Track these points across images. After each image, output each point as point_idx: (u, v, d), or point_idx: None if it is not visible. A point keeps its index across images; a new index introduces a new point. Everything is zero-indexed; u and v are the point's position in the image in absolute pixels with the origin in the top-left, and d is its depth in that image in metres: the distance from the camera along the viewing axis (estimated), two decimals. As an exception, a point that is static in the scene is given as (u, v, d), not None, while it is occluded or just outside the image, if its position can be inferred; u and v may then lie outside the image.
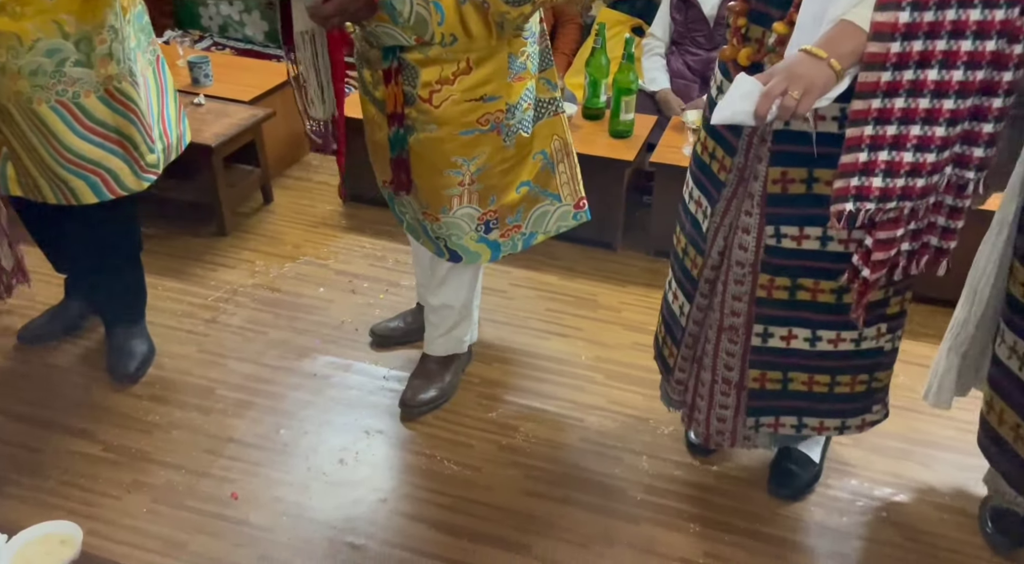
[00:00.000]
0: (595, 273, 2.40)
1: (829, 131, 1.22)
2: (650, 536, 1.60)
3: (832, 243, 1.30)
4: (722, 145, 1.35)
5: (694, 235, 1.45)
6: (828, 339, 1.40)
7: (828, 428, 1.53)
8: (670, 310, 1.58)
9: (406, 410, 1.86)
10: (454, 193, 1.62)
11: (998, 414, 1.42)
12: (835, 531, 1.61)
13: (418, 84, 1.49)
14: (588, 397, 1.96)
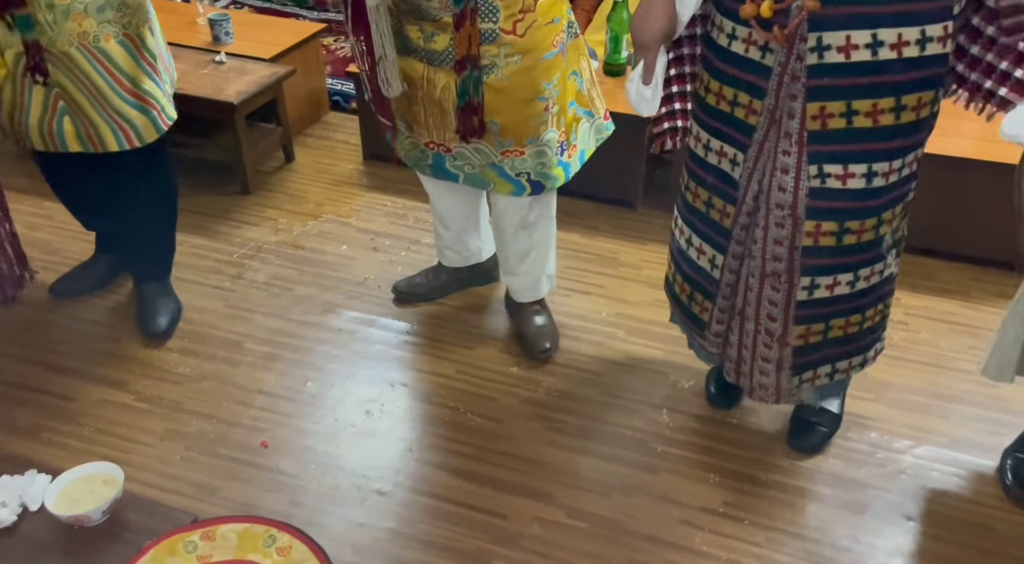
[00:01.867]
0: (616, 231, 2.40)
1: (862, 59, 1.20)
2: (670, 486, 1.63)
3: (877, 179, 1.30)
4: (746, 90, 1.32)
5: (720, 186, 1.44)
6: (865, 277, 1.42)
7: (854, 367, 1.56)
8: (695, 267, 1.56)
9: (544, 356, 1.93)
10: (542, 120, 1.65)
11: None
12: (853, 482, 1.63)
13: (499, 18, 1.52)
14: (609, 352, 1.98)
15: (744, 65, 1.31)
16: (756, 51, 1.29)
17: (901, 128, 1.26)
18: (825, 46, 1.22)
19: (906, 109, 1.25)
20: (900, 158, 1.30)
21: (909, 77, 1.22)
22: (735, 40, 1.30)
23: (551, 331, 1.98)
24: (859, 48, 1.20)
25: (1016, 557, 1.47)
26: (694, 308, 1.61)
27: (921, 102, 1.25)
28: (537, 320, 1.98)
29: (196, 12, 2.82)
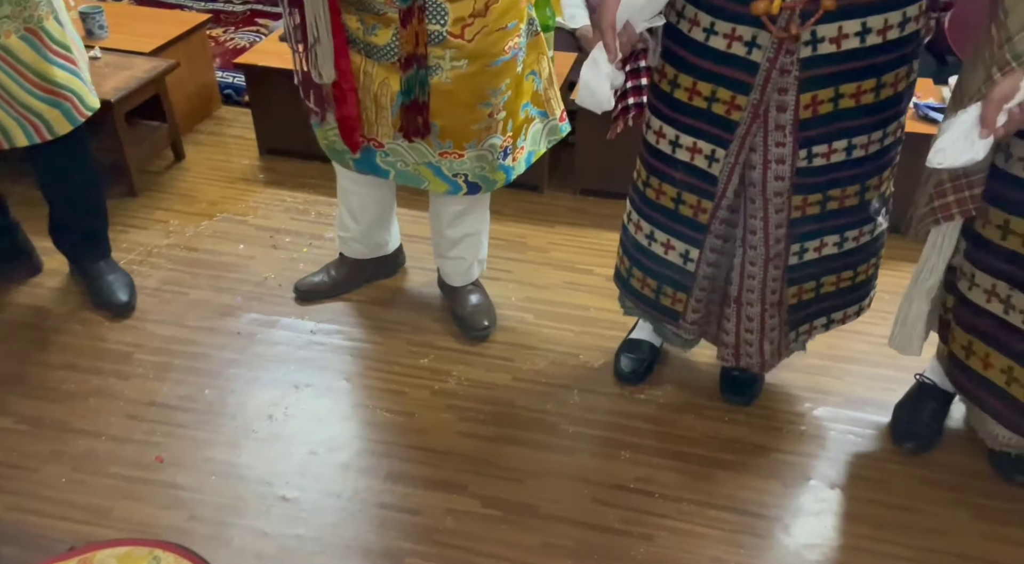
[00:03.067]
0: (523, 215, 2.39)
1: (852, 47, 1.23)
2: (583, 466, 1.64)
3: (856, 150, 1.34)
4: (729, 86, 1.30)
5: (694, 182, 1.43)
6: (853, 237, 1.47)
7: (850, 316, 1.61)
8: (662, 262, 1.55)
9: (483, 334, 1.93)
10: (485, 126, 1.62)
11: (982, 358, 1.42)
12: (758, 447, 1.67)
13: (448, 21, 1.47)
14: (519, 337, 1.96)
15: (726, 61, 1.29)
16: (741, 47, 1.27)
17: (881, 104, 1.30)
18: (819, 39, 1.23)
19: (885, 86, 1.29)
20: (880, 129, 1.34)
21: (891, 57, 1.26)
22: (714, 35, 1.28)
23: (488, 309, 1.97)
24: (849, 37, 1.22)
25: (909, 507, 1.53)
26: (664, 301, 1.61)
27: (898, 78, 1.30)
28: (473, 299, 1.97)
29: (68, 5, 2.64)
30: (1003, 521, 1.49)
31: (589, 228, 2.34)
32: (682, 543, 1.48)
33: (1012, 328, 1.35)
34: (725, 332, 1.60)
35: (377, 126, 1.64)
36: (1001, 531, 1.47)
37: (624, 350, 1.85)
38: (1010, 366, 1.37)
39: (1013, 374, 1.37)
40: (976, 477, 1.58)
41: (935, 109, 2.14)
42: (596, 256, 2.22)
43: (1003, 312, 1.35)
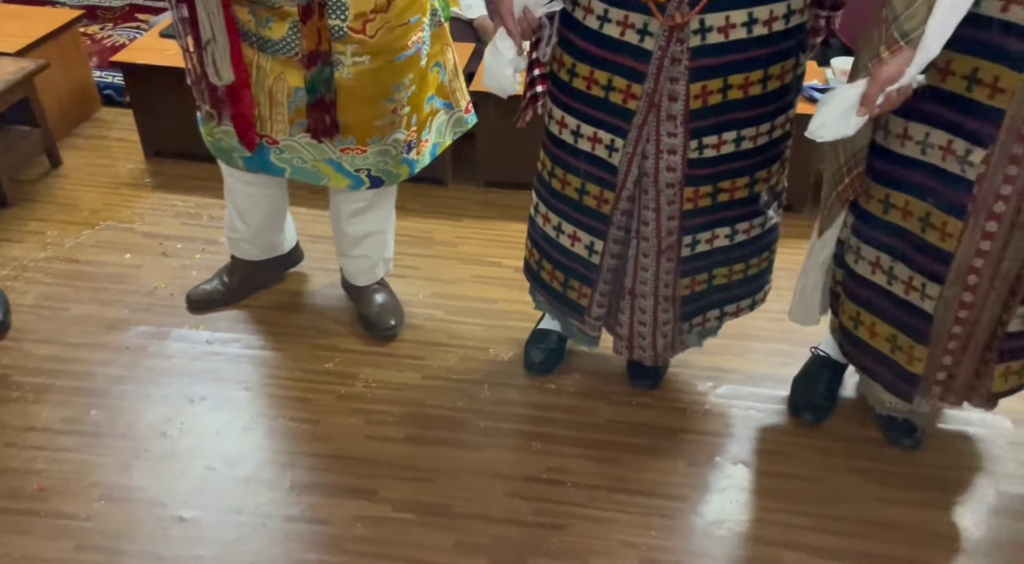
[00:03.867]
0: (428, 210, 2.35)
1: (739, 38, 1.24)
2: (495, 460, 1.62)
3: (745, 142, 1.36)
4: (624, 74, 1.30)
5: (596, 173, 1.42)
6: (744, 230, 1.48)
7: (743, 309, 1.63)
8: (569, 254, 1.54)
9: (390, 333, 1.88)
10: (388, 121, 1.58)
11: (869, 328, 1.48)
12: (665, 428, 1.70)
13: (348, 16, 1.42)
14: (428, 334, 1.93)
15: (620, 49, 1.28)
16: (633, 34, 1.26)
17: (767, 96, 1.32)
18: (707, 28, 1.24)
19: (772, 78, 1.31)
20: (768, 122, 1.36)
21: (776, 49, 1.28)
22: (608, 23, 1.27)
23: (395, 308, 1.92)
24: (736, 27, 1.24)
25: (809, 477, 1.59)
26: (570, 294, 1.59)
27: (784, 70, 1.32)
28: (378, 298, 1.92)
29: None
30: (894, 484, 1.56)
31: (496, 220, 2.32)
32: (593, 530, 1.48)
33: (895, 298, 1.41)
34: (619, 324, 1.60)
35: (271, 123, 1.57)
36: (892, 493, 1.54)
37: (533, 341, 1.84)
38: (894, 334, 1.44)
39: (897, 342, 1.44)
40: (868, 443, 1.65)
41: (819, 90, 2.22)
42: (504, 248, 2.20)
43: (886, 283, 1.41)
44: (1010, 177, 1.22)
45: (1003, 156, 1.21)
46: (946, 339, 1.40)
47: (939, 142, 1.25)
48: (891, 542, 1.45)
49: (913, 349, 1.41)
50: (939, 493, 1.55)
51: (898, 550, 1.43)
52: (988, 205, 1.25)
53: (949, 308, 1.36)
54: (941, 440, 1.66)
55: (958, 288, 1.34)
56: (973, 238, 1.29)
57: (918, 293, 1.37)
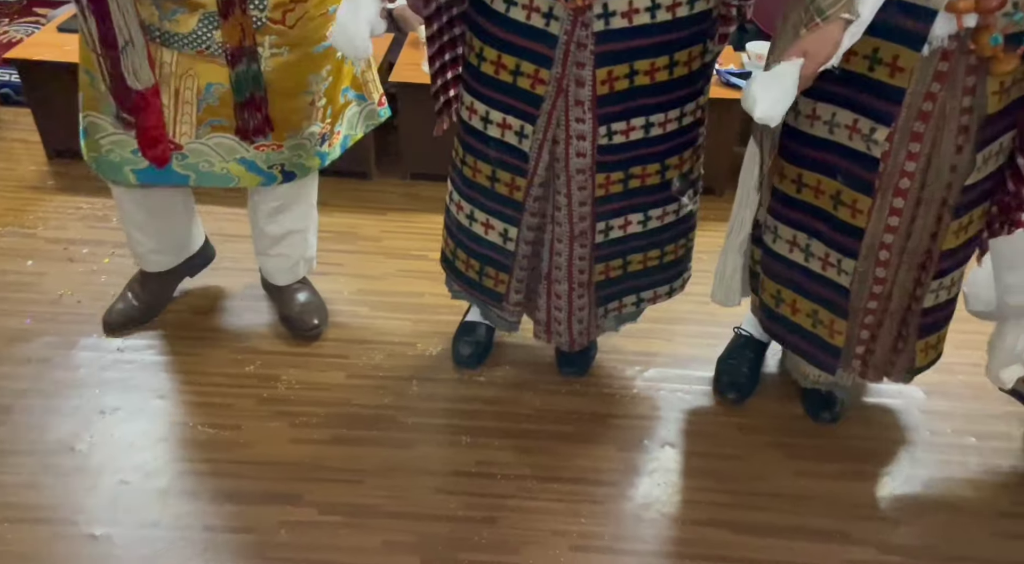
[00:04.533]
0: (352, 204, 2.30)
1: (643, 23, 1.24)
2: (424, 457, 1.60)
3: (654, 128, 1.35)
4: (531, 59, 1.29)
5: (507, 159, 1.41)
6: (657, 216, 1.49)
7: (660, 296, 1.64)
8: (483, 242, 1.53)
9: (313, 333, 1.83)
10: (305, 115, 1.55)
11: (790, 304, 1.51)
12: (594, 415, 1.70)
13: (267, 6, 1.37)
14: (353, 332, 1.89)
15: (527, 33, 1.27)
16: (539, 18, 1.25)
17: (675, 82, 1.32)
18: (611, 12, 1.23)
19: (678, 64, 1.31)
20: (677, 108, 1.36)
21: (681, 35, 1.28)
22: (514, 6, 1.25)
23: (318, 306, 1.87)
24: (640, 12, 1.23)
25: (733, 455, 1.62)
26: (487, 282, 1.58)
27: (691, 56, 1.31)
28: (300, 298, 1.86)
29: None
30: (810, 457, 1.61)
31: (421, 213, 2.29)
32: (524, 521, 1.48)
33: (813, 274, 1.44)
34: (537, 308, 1.60)
35: (176, 125, 1.49)
36: (812, 466, 1.59)
37: (460, 335, 1.82)
38: (815, 309, 1.48)
39: (818, 316, 1.48)
40: (790, 419, 1.70)
41: (736, 74, 2.26)
42: (430, 241, 2.17)
43: (804, 260, 1.45)
44: (913, 154, 1.26)
45: (905, 133, 1.24)
46: (863, 313, 1.44)
47: (845, 121, 1.28)
48: (810, 514, 1.49)
49: (833, 323, 1.45)
50: (857, 464, 1.60)
51: (816, 522, 1.47)
52: (894, 182, 1.29)
53: (864, 282, 1.40)
54: (859, 413, 1.71)
55: (871, 263, 1.38)
56: (881, 214, 1.33)
57: (835, 268, 1.40)
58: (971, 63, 1.17)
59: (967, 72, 1.18)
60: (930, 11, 1.12)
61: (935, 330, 1.48)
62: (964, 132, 1.23)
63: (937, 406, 1.71)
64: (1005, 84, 1.19)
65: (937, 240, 1.35)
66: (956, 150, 1.25)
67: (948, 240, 1.34)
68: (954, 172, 1.27)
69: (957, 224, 1.33)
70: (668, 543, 1.45)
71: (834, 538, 1.45)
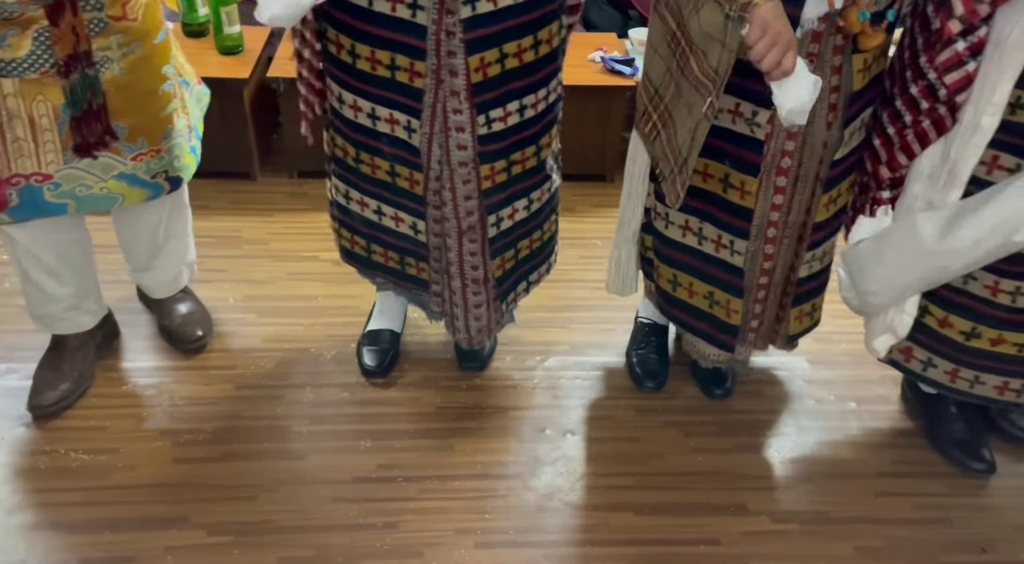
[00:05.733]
0: (235, 207, 2.20)
1: (507, 4, 1.23)
2: (320, 466, 1.54)
3: (528, 110, 1.35)
4: (404, 52, 1.26)
5: (401, 154, 1.37)
6: (537, 198, 1.49)
7: (542, 274, 1.65)
8: (398, 235, 1.50)
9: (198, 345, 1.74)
10: (172, 109, 1.47)
11: (687, 288, 1.53)
12: (495, 408, 1.69)
13: (105, 3, 1.26)
14: (241, 341, 1.80)
15: (395, 26, 1.23)
16: (405, 10, 1.21)
17: (540, 61, 1.32)
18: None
19: (542, 43, 1.31)
20: (544, 87, 1.36)
21: (541, 13, 1.27)
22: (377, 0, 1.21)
23: (201, 316, 1.77)
24: None
25: (633, 438, 1.64)
26: (410, 270, 1.55)
27: (551, 34, 1.32)
28: (182, 309, 1.76)
29: None
30: (706, 433, 1.65)
31: (310, 212, 2.21)
32: (427, 523, 1.45)
33: (707, 257, 1.47)
34: (444, 300, 1.58)
35: (38, 156, 1.35)
36: (705, 443, 1.62)
37: (365, 343, 1.77)
38: (711, 291, 1.51)
39: (715, 298, 1.51)
40: (685, 398, 1.73)
41: (620, 62, 2.28)
42: (320, 241, 2.10)
43: (697, 243, 1.47)
44: (792, 134, 1.30)
45: None
46: (755, 290, 1.49)
47: (728, 106, 1.31)
48: (707, 489, 1.52)
49: (730, 302, 1.49)
50: (749, 437, 1.65)
51: (713, 496, 1.51)
52: (776, 162, 1.33)
53: (755, 261, 1.44)
54: (749, 386, 1.77)
55: (760, 242, 1.42)
56: (767, 194, 1.37)
57: (728, 250, 1.43)
58: (837, 43, 1.21)
59: (834, 52, 1.22)
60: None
61: (809, 298, 1.54)
62: (833, 109, 1.28)
63: (820, 375, 1.79)
64: (867, 61, 1.25)
65: (811, 213, 1.40)
66: (827, 127, 1.30)
67: (820, 212, 1.40)
68: (826, 148, 1.33)
69: (827, 197, 1.38)
70: (572, 531, 1.45)
71: (731, 511, 1.49)
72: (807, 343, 1.82)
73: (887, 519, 1.48)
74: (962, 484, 1.54)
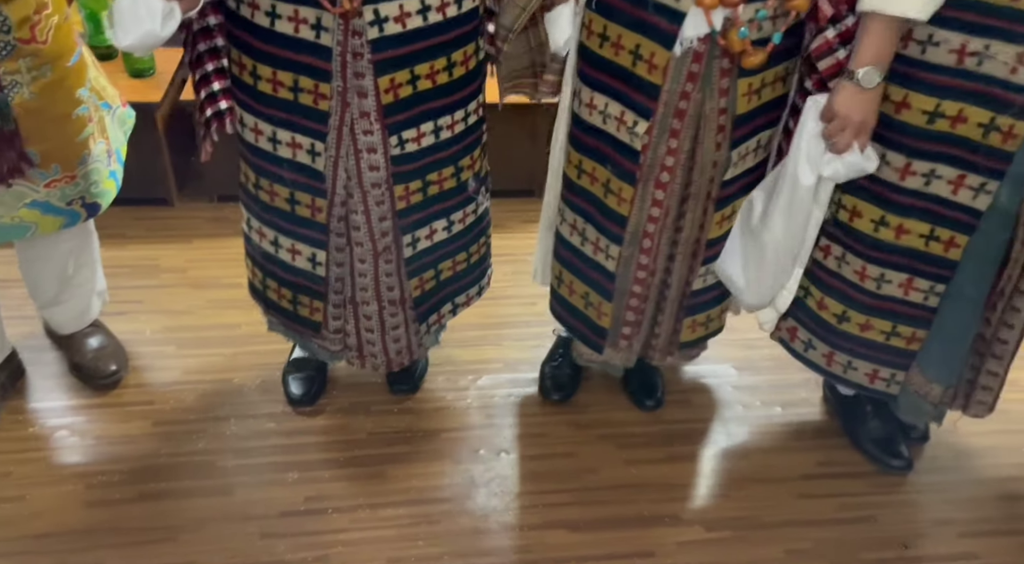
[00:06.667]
0: (152, 235, 2.11)
1: (416, 26, 1.22)
2: (246, 501, 1.48)
3: (443, 132, 1.34)
4: (308, 74, 1.22)
5: (303, 180, 1.33)
6: (459, 219, 1.47)
7: (472, 297, 1.63)
8: (292, 270, 1.45)
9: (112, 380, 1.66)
10: (88, 133, 1.41)
11: (568, 285, 1.55)
12: (427, 431, 1.66)
13: (11, 26, 1.20)
14: (159, 375, 1.73)
15: (298, 47, 1.20)
16: (308, 31, 1.18)
17: (455, 83, 1.31)
18: (383, 18, 1.19)
19: (457, 65, 1.29)
20: (461, 109, 1.34)
21: (454, 35, 1.26)
22: (279, 19, 1.18)
23: (115, 350, 1.69)
24: (412, 15, 1.21)
25: (567, 453, 1.63)
26: (302, 311, 1.48)
27: (467, 55, 1.30)
28: (93, 343, 1.68)
29: None
30: (639, 445, 1.66)
31: (232, 237, 2.12)
32: (358, 553, 1.41)
33: (586, 258, 1.49)
34: (347, 333, 1.55)
35: None
36: (638, 454, 1.63)
37: (291, 371, 1.71)
38: (587, 292, 1.53)
39: (589, 298, 1.53)
40: (616, 410, 1.74)
41: (543, 80, 2.30)
42: (242, 267, 2.00)
43: (580, 243, 1.49)
44: (672, 149, 1.32)
45: (664, 129, 1.30)
46: (627, 296, 1.50)
47: (615, 113, 1.32)
48: (641, 501, 1.53)
49: (601, 305, 1.51)
50: (680, 446, 1.67)
51: (647, 508, 1.52)
52: (655, 174, 1.35)
53: (628, 267, 1.46)
54: (679, 396, 1.79)
55: (635, 249, 1.43)
56: (644, 204, 1.38)
57: (603, 253, 1.45)
58: (724, 67, 1.24)
59: (721, 75, 1.25)
60: (679, 13, 1.19)
61: (704, 309, 1.56)
62: (721, 131, 1.31)
63: (746, 381, 1.83)
64: (754, 86, 1.27)
65: (704, 230, 1.43)
66: (716, 147, 1.33)
67: (713, 230, 1.42)
68: (715, 168, 1.35)
69: (720, 215, 1.41)
70: (507, 553, 1.43)
71: (665, 522, 1.50)
72: (732, 350, 1.87)
73: (814, 520, 1.51)
74: (883, 482, 1.59)
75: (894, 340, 1.42)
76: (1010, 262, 1.34)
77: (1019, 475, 1.61)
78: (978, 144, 1.22)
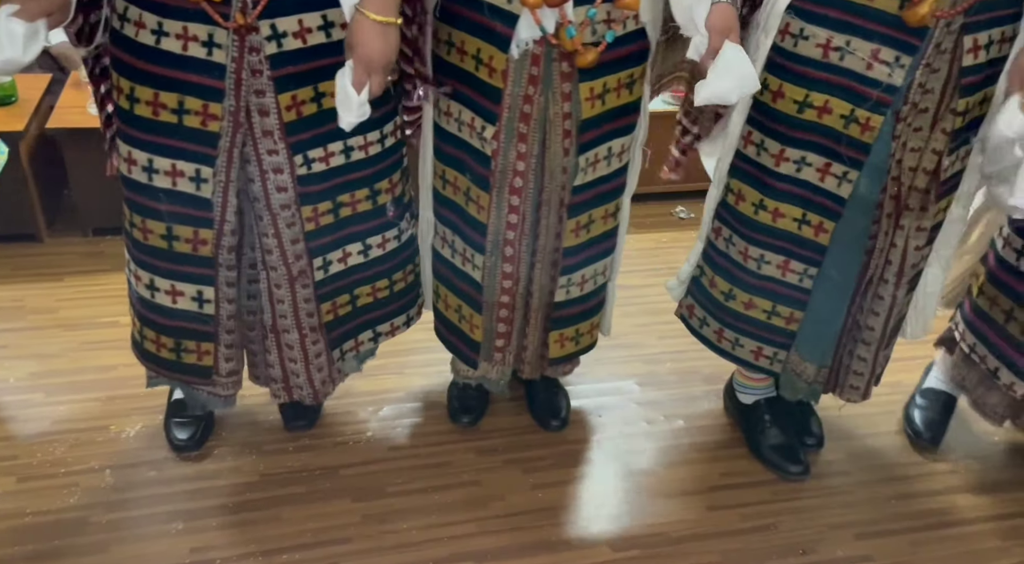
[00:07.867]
0: (18, 274, 1.96)
1: (319, 42, 1.17)
2: (124, 558, 1.36)
3: (355, 152, 1.29)
4: (197, 94, 1.16)
5: (183, 212, 1.25)
6: (377, 244, 1.41)
7: (398, 327, 1.57)
8: (175, 314, 1.34)
9: None
10: None
11: (444, 300, 1.55)
12: (325, 469, 1.58)
13: None
14: (24, 426, 1.58)
15: (187, 65, 1.13)
16: (199, 48, 1.11)
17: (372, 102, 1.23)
18: (282, 34, 1.13)
19: None
20: (376, 130, 1.28)
21: None
22: (165, 37, 1.11)
23: None
24: (313, 31, 1.16)
25: (473, 481, 1.58)
26: (188, 358, 1.38)
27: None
28: None
29: None
30: (544, 468, 1.63)
31: (108, 273, 2.00)
32: (249, 607, 1.31)
33: (457, 270, 1.47)
34: (270, 365, 1.47)
35: None
36: (544, 478, 1.60)
37: (172, 415, 1.60)
38: (459, 305, 1.51)
39: (462, 312, 1.51)
40: (521, 432, 1.70)
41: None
42: (119, 304, 1.89)
43: (451, 256, 1.49)
44: (521, 154, 1.32)
45: (511, 133, 1.30)
46: (496, 307, 1.49)
47: (466, 119, 1.32)
48: (545, 526, 1.49)
49: (472, 317, 1.50)
50: (586, 466, 1.65)
51: (555, 532, 1.49)
52: (508, 180, 1.35)
53: (493, 277, 1.45)
54: (584, 415, 1.78)
55: (497, 258, 1.43)
56: (500, 211, 1.38)
57: (471, 263, 1.44)
58: (564, 70, 1.25)
59: (562, 79, 1.25)
60: (513, 15, 1.19)
61: (571, 323, 1.55)
62: (568, 136, 1.31)
63: (649, 396, 1.83)
64: (596, 90, 1.28)
65: (560, 239, 1.43)
66: (564, 152, 1.33)
67: (568, 238, 1.42)
68: (565, 174, 1.36)
69: (574, 223, 1.41)
70: (412, 591, 1.37)
71: (572, 545, 1.47)
72: (635, 366, 1.88)
73: (720, 532, 1.52)
74: (783, 489, 1.62)
75: (775, 319, 1.47)
76: (875, 251, 1.40)
77: (910, 474, 1.67)
78: (840, 134, 1.27)
